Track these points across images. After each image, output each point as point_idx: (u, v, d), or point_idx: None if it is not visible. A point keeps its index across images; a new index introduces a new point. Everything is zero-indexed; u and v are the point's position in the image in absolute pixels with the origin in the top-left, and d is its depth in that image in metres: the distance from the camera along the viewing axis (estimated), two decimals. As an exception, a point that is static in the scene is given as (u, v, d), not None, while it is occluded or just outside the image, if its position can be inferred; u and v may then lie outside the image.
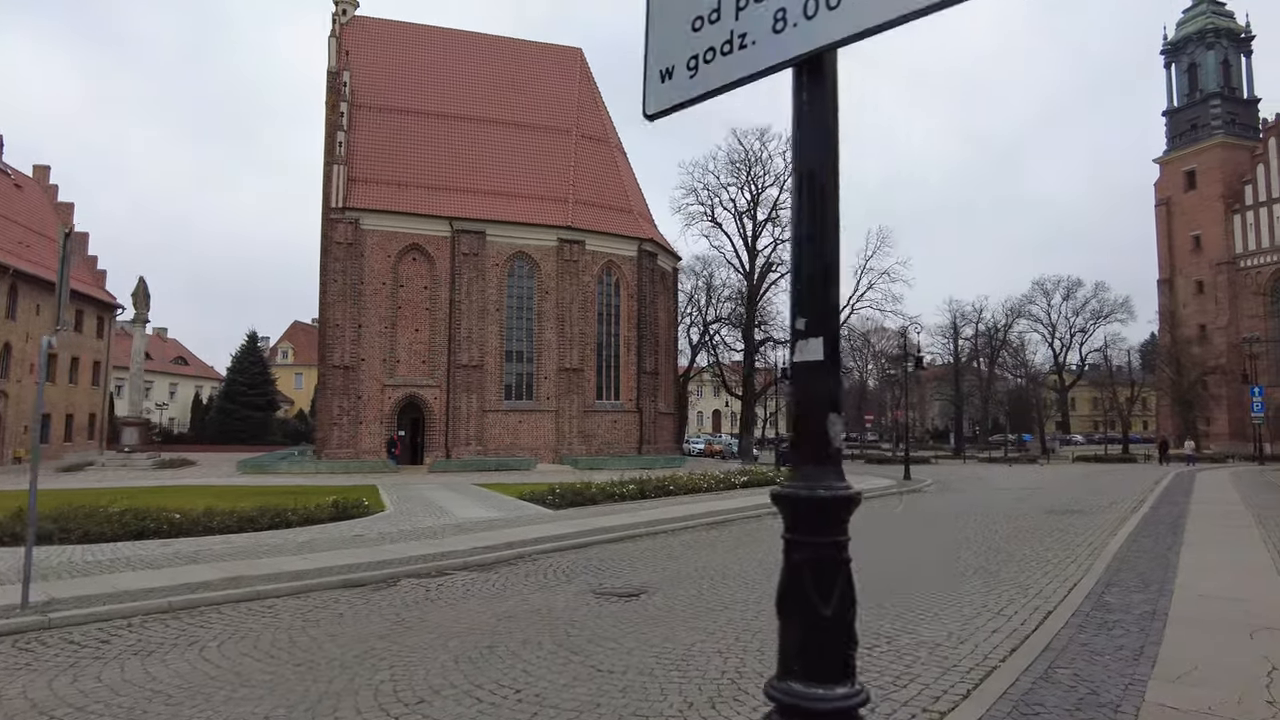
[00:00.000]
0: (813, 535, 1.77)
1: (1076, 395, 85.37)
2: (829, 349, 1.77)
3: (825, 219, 1.82)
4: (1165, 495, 22.36)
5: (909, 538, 14.06)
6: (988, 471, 39.75)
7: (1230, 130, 74.77)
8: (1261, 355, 61.88)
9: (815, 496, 1.76)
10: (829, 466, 1.79)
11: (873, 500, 22.69)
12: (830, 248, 1.81)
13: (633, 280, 43.56)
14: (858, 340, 70.22)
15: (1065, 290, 73.69)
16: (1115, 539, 13.39)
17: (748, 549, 12.85)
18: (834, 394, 1.78)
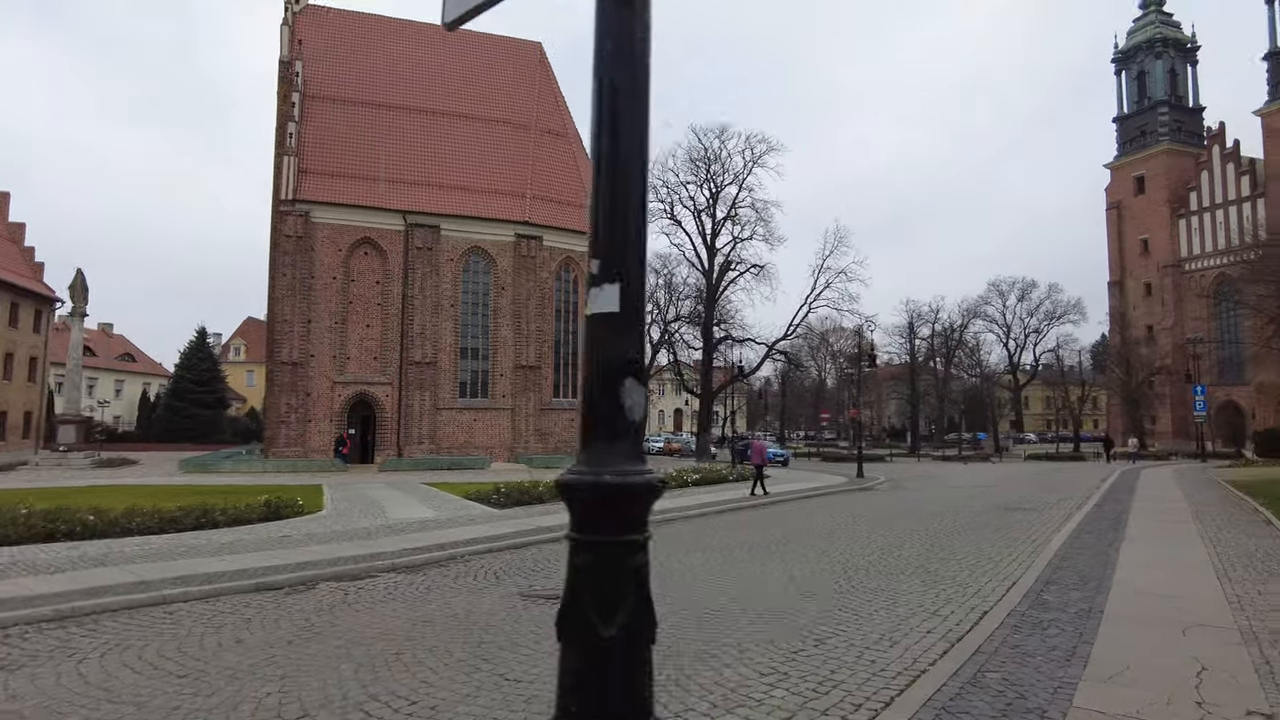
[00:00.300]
0: (597, 533, 1.38)
1: (1030, 394, 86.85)
2: (627, 299, 1.40)
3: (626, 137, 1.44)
4: (1110, 492, 22.55)
5: (854, 536, 13.85)
6: (942, 470, 40.04)
7: (1176, 137, 76.61)
8: (1204, 355, 63.41)
9: (600, 483, 1.38)
10: (621, 444, 1.42)
11: (814, 498, 22.55)
12: (634, 175, 1.43)
13: (590, 277, 43.02)
14: (815, 339, 70.63)
15: (1020, 291, 75.04)
16: (1059, 535, 13.31)
17: (690, 550, 12.51)
18: (631, 354, 1.41)
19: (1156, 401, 69.29)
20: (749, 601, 8.44)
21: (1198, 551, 11.44)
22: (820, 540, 13.27)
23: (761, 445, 25.91)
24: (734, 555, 11.72)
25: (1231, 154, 70.73)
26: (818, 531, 14.49)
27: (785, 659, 6.25)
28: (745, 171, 45.84)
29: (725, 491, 23.32)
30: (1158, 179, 75.72)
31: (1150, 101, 77.66)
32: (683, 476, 24.34)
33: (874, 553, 11.84)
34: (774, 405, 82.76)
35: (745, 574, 10.12)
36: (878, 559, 11.24)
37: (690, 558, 11.50)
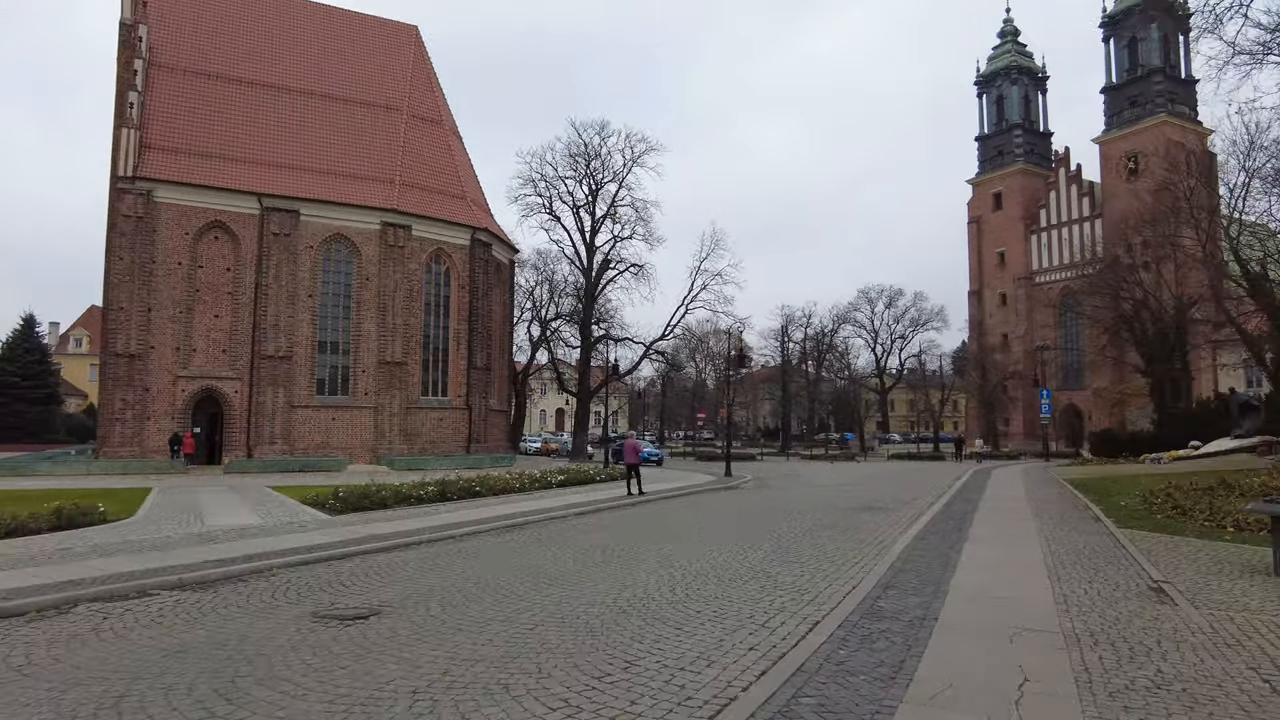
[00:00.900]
0: None
1: (895, 397, 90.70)
2: None
3: None
4: (961, 491, 23.24)
5: (705, 539, 13.36)
6: (809, 468, 40.82)
7: (1030, 159, 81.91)
8: (1050, 362, 67.92)
9: None
10: None
11: (679, 498, 22.15)
12: None
13: (464, 270, 41.48)
14: (693, 341, 71.20)
15: (888, 299, 78.17)
16: (906, 535, 13.27)
17: (531, 555, 11.65)
18: None
19: (1009, 404, 73.74)
20: (571, 616, 7.67)
21: (1034, 550, 11.54)
22: (669, 543, 12.69)
23: (635, 444, 25.31)
24: (581, 560, 10.95)
25: (1075, 177, 76.21)
26: (669, 534, 13.93)
27: (585, 686, 5.50)
28: (625, 170, 45.49)
29: (593, 492, 22.62)
30: (1014, 196, 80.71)
31: (1007, 124, 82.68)
32: (547, 478, 23.44)
33: (720, 556, 11.34)
34: (655, 405, 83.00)
35: (576, 584, 9.36)
36: (722, 563, 10.73)
37: (537, 560, 10.65)
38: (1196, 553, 11.24)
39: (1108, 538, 12.72)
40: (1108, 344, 50.57)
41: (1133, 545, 11.68)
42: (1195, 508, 15.62)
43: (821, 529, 14.38)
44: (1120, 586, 9.03)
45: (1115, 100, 73.37)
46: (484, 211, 45.32)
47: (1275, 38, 15.83)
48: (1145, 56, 71.61)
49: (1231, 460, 29.15)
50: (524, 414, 60.46)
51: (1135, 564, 10.38)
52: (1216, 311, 46.95)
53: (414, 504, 18.15)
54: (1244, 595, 8.65)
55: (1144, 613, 7.85)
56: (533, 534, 14.13)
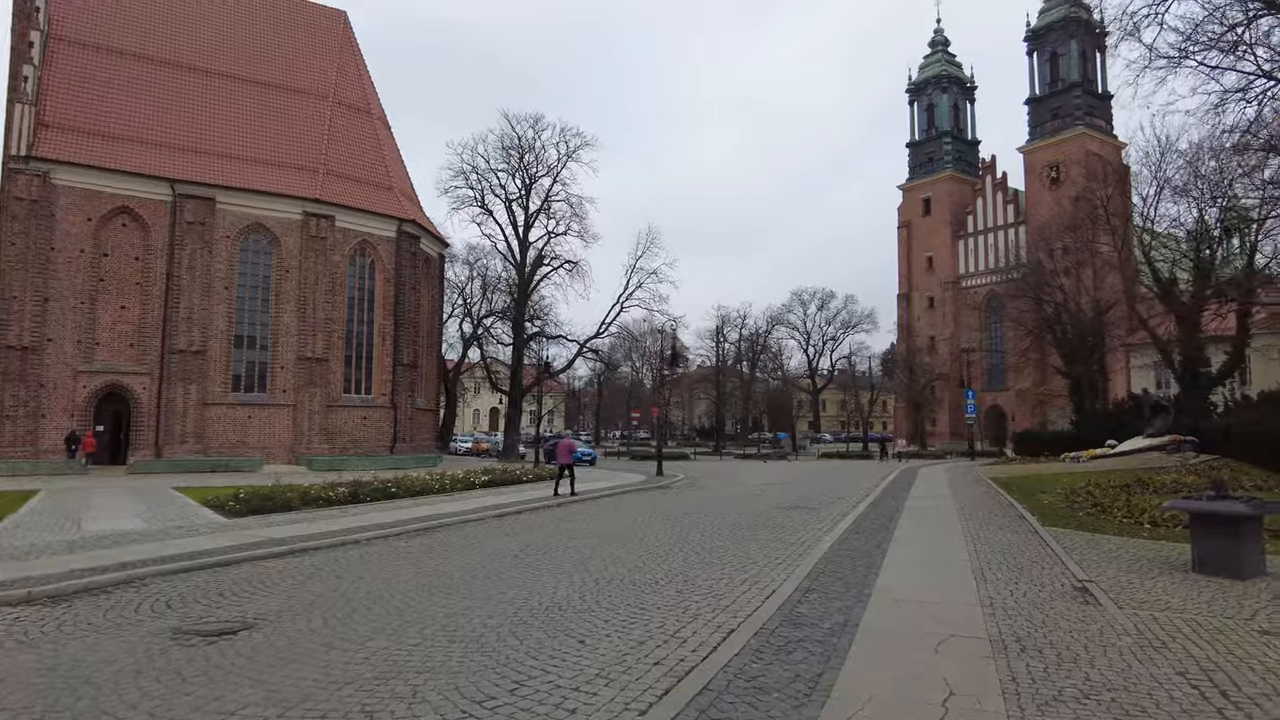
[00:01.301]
0: None
1: (827, 397, 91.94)
2: None
3: None
4: (889, 490, 23.21)
5: (628, 540, 12.76)
6: (741, 467, 40.68)
7: (958, 166, 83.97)
8: (975, 364, 69.63)
9: None
10: None
11: (609, 498, 21.53)
12: None
13: (390, 263, 40.05)
14: (629, 340, 70.70)
15: (820, 301, 79.20)
16: (832, 534, 12.91)
17: (438, 561, 10.86)
18: None
19: (936, 405, 75.33)
20: (466, 629, 6.95)
21: (959, 550, 11.28)
22: (588, 547, 12.05)
23: (569, 444, 24.57)
24: (491, 566, 10.22)
25: (1000, 184, 78.40)
26: (590, 536, 13.28)
27: (461, 714, 4.81)
28: (559, 164, 44.64)
29: (518, 493, 21.81)
30: (942, 202, 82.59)
31: (937, 131, 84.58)
32: (470, 478, 22.51)
33: (640, 558, 10.75)
34: (592, 405, 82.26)
35: (480, 593, 8.64)
36: (640, 567, 10.13)
37: (444, 566, 9.87)
38: (1117, 550, 11.13)
39: (1032, 536, 12.58)
40: (1030, 346, 51.93)
41: (1056, 544, 11.52)
42: (1114, 505, 15.72)
43: (746, 529, 13.93)
44: (1046, 587, 8.76)
45: (1038, 112, 75.71)
46: (413, 203, 43.94)
47: (1190, 43, 16.07)
48: (1066, 71, 74.10)
49: (1144, 458, 29.96)
50: (455, 413, 59.01)
51: (1060, 563, 10.18)
52: (1130, 316, 48.73)
53: (322, 506, 17.09)
54: (1165, 594, 8.46)
55: (1070, 614, 7.54)
56: (444, 538, 13.30)
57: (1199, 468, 27.25)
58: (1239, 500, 9.33)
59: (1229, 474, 26.75)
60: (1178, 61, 15.97)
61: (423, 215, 44.23)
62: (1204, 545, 9.46)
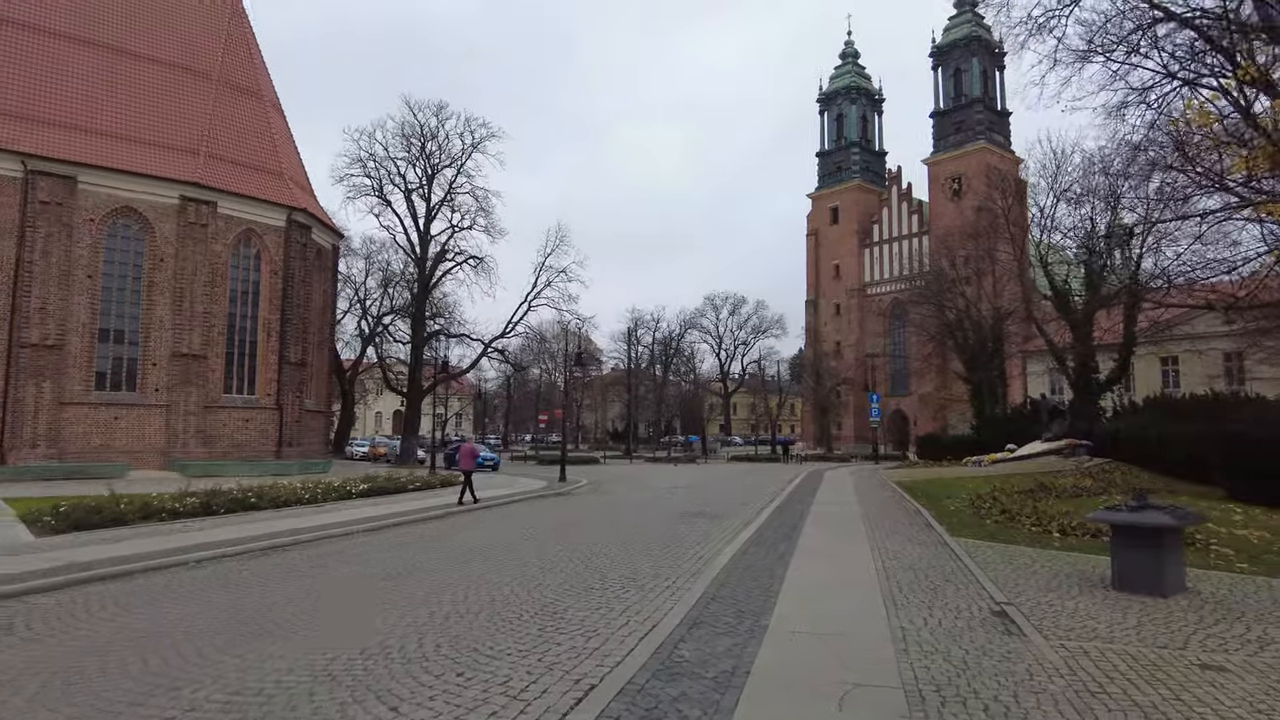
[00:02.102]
0: None
1: (738, 401, 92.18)
2: None
3: None
4: (795, 494, 22.38)
5: (501, 559, 11.26)
6: (649, 471, 39.53)
7: (865, 176, 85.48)
8: (880, 369, 70.73)
9: None
10: None
11: (502, 506, 19.91)
12: None
13: (278, 254, 37.18)
14: (536, 340, 68.84)
15: (732, 306, 79.25)
16: (731, 547, 11.73)
17: (265, 591, 9.10)
18: None
19: (842, 409, 76.27)
20: (251, 690, 5.34)
21: (867, 565, 10.24)
22: (459, 566, 10.49)
23: (471, 448, 22.84)
24: (325, 597, 8.55)
25: (906, 195, 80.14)
26: (462, 555, 11.72)
27: None
28: (464, 155, 42.48)
29: (400, 502, 19.92)
30: (849, 211, 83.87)
31: (846, 141, 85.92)
32: (347, 487, 20.46)
33: (511, 583, 9.25)
34: (503, 407, 79.91)
35: (295, 635, 6.99)
36: (506, 595, 8.63)
37: (268, 597, 8.14)
38: (1032, 564, 10.31)
39: (942, 549, 11.69)
40: (933, 352, 52.75)
41: (969, 558, 10.63)
42: (1021, 512, 15.15)
43: (640, 541, 12.62)
44: (962, 613, 7.72)
45: (942, 125, 77.74)
46: (306, 192, 41.11)
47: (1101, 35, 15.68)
48: (969, 87, 76.33)
49: (1042, 462, 30.26)
50: (352, 416, 55.92)
51: (974, 581, 9.23)
52: (1025, 323, 50.09)
53: (165, 520, 14.87)
54: (1090, 618, 7.55)
55: (993, 649, 6.48)
56: (293, 560, 11.48)
57: (1093, 471, 27.59)
58: (1162, 510, 8.56)
59: (1120, 476, 27.25)
60: (1086, 56, 15.54)
61: (316, 205, 41.45)
62: (1125, 559, 8.66)
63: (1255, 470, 21.46)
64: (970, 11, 77.11)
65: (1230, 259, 22.80)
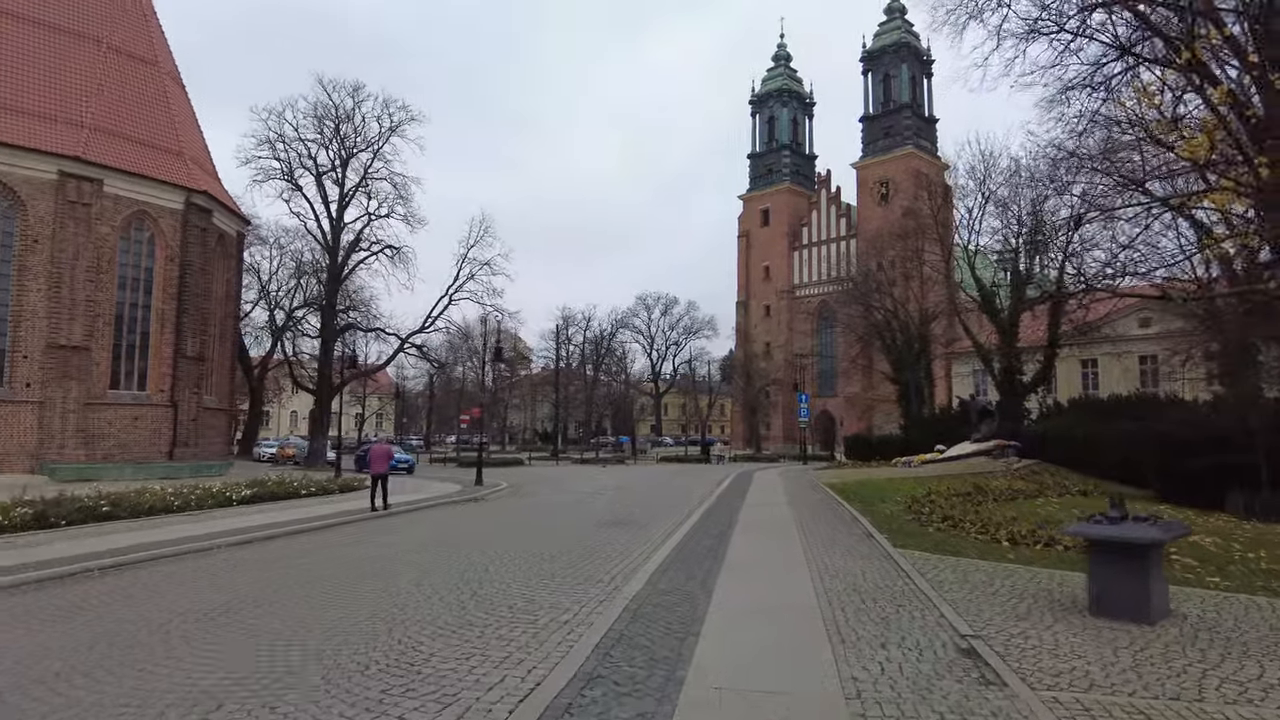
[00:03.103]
0: None
1: (669, 401, 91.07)
2: None
3: None
4: (722, 498, 20.91)
5: (378, 583, 9.35)
6: (575, 473, 37.69)
7: (796, 179, 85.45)
8: (808, 369, 70.53)
9: None
10: None
11: (407, 514, 17.84)
12: None
13: (175, 239, 34.00)
14: (461, 338, 66.19)
15: (664, 306, 78.01)
16: (649, 564, 10.07)
17: (69, 628, 7.00)
18: None
19: (771, 409, 75.87)
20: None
21: (804, 588, 8.70)
22: (318, 598, 8.54)
23: (384, 450, 20.60)
24: (143, 638, 6.53)
25: (835, 198, 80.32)
26: (334, 578, 9.76)
27: None
28: (381, 139, 39.82)
29: (291, 509, 17.69)
30: (780, 213, 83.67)
31: (777, 144, 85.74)
32: (227, 493, 18.06)
33: (362, 621, 7.29)
34: (425, 407, 76.76)
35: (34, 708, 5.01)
36: (355, 639, 6.69)
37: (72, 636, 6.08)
38: (989, 581, 8.95)
39: (887, 563, 10.27)
40: (860, 352, 52.40)
41: (919, 575, 9.20)
42: (965, 519, 13.96)
43: (546, 559, 10.86)
44: (925, 652, 6.21)
45: (871, 130, 78.15)
46: (209, 175, 37.88)
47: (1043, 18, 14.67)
48: (897, 93, 76.93)
49: (972, 463, 29.69)
50: (261, 415, 52.35)
51: (930, 605, 7.77)
52: (950, 325, 50.16)
53: (-17, 534, 12.41)
54: (1076, 655, 6.14)
55: (972, 708, 4.97)
56: (126, 582, 9.32)
57: (1023, 472, 27.07)
58: (1146, 522, 7.26)
59: (1050, 477, 26.77)
60: (1031, 34, 14.49)
61: (220, 188, 38.27)
62: (1105, 579, 7.33)
63: (1186, 472, 21.05)
64: (900, 18, 77.83)
65: (1149, 260, 22.39)
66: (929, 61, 78.58)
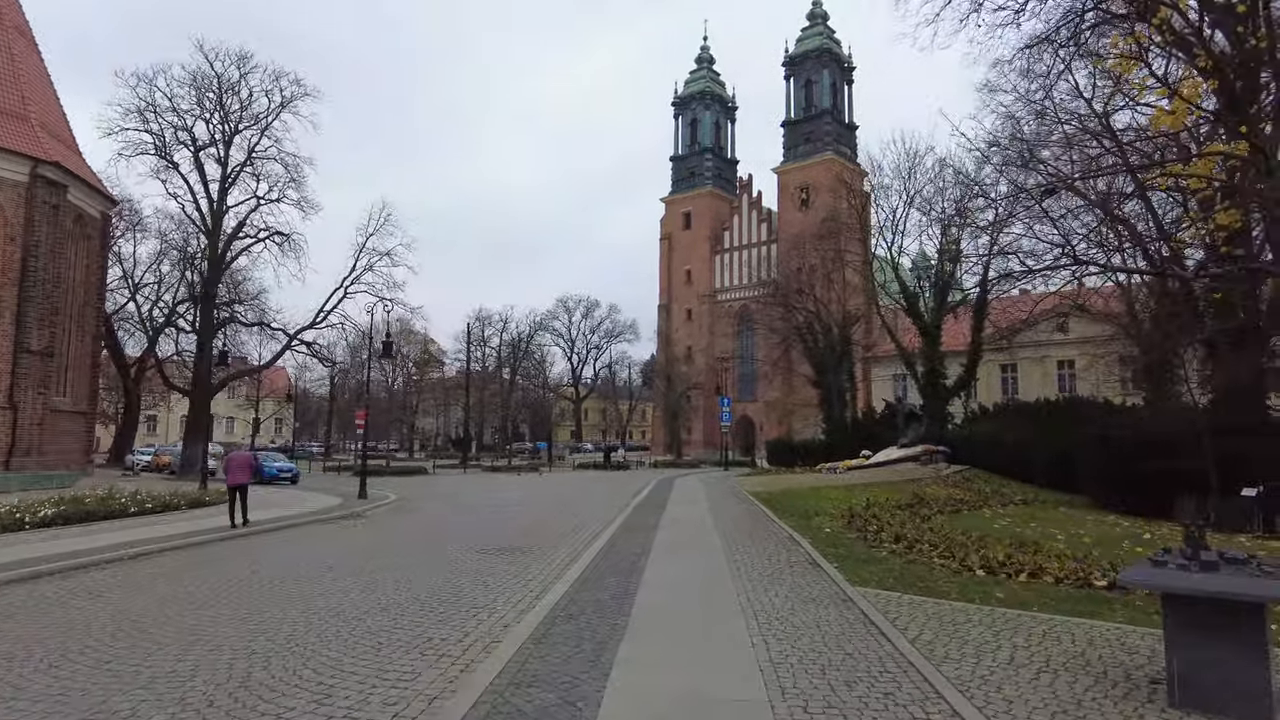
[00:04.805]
0: None
1: (589, 406, 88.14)
2: None
3: None
4: (638, 513, 18.12)
5: (92, 664, 6.20)
6: (481, 483, 34.31)
7: (718, 182, 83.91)
8: (729, 373, 68.80)
9: None
10: None
11: (252, 537, 14.38)
12: None
13: (18, 216, 29.09)
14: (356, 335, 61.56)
15: (585, 309, 75.13)
16: (525, 621, 7.18)
17: None
18: None
19: (692, 413, 73.80)
20: None
21: (745, 663, 5.96)
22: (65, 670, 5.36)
23: (244, 458, 17.01)
24: None
25: (756, 203, 79.09)
26: (107, 637, 6.59)
27: None
28: (271, 114, 35.58)
29: (108, 534, 14.00)
30: (702, 217, 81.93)
31: (700, 147, 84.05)
32: (17, 514, 14.18)
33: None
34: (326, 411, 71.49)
35: None
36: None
37: None
38: (994, 640, 6.43)
39: (848, 610, 7.65)
40: (781, 355, 50.72)
41: (898, 634, 6.60)
42: (921, 539, 11.58)
43: (394, 611, 7.84)
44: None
45: (793, 135, 77.23)
46: (66, 145, 32.96)
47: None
48: (819, 98, 76.24)
49: (900, 469, 27.90)
50: (137, 419, 46.80)
51: (931, 691, 5.15)
52: (868, 330, 49.02)
53: None
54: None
55: None
56: None
57: (955, 479, 25.34)
58: (1246, 567, 4.83)
59: (985, 484, 25.10)
60: None
61: (80, 162, 33.39)
62: (1188, 652, 4.86)
63: (1131, 478, 19.52)
64: (822, 24, 77.27)
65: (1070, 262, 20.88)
66: (850, 68, 78.30)
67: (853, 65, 77.76)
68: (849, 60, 77.48)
